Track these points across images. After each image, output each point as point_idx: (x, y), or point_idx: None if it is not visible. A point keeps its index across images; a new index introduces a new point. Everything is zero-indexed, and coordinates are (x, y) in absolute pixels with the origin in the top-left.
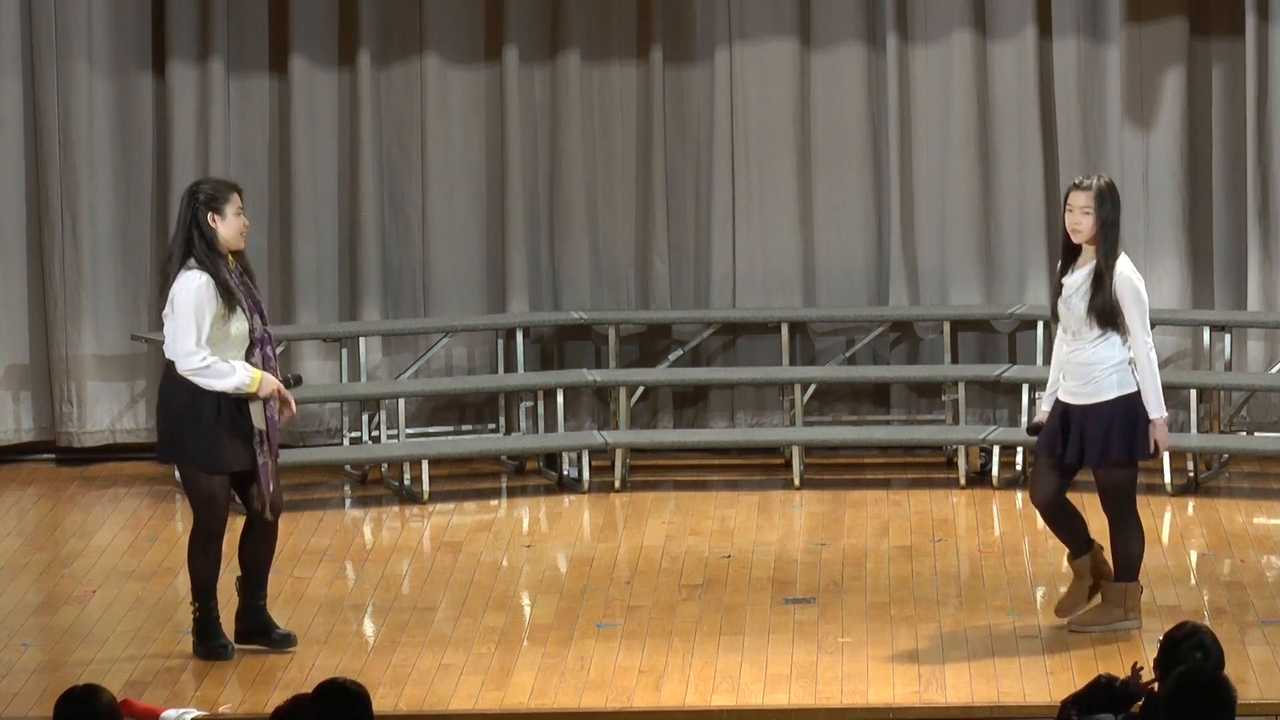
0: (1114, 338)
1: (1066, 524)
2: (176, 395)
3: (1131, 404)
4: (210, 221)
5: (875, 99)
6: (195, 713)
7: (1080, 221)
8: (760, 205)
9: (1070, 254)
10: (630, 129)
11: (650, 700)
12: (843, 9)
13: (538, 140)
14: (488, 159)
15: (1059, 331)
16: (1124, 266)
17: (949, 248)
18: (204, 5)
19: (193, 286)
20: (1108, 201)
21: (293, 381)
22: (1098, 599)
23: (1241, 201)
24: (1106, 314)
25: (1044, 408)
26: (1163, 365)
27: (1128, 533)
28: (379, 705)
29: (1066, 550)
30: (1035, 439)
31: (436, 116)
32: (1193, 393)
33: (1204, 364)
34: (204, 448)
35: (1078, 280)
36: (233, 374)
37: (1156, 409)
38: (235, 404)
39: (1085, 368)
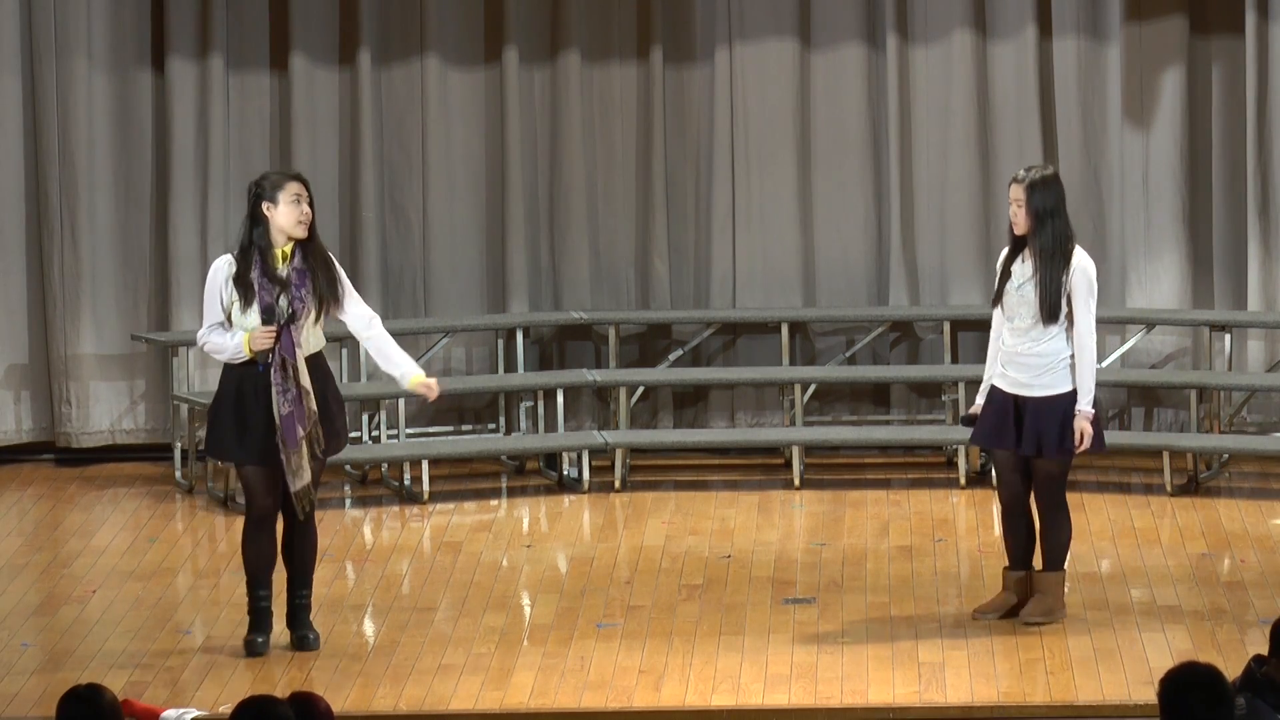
0: (1065, 330)
1: (1028, 528)
2: (219, 385)
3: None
4: (265, 210)
5: (875, 99)
6: (195, 713)
7: (1016, 214)
8: (760, 205)
9: (1018, 244)
10: (630, 129)
11: (650, 700)
12: (843, 9)
13: (538, 140)
14: (488, 159)
15: (1002, 321)
16: (1079, 259)
17: (949, 248)
18: (204, 3)
19: (210, 271)
20: (1038, 192)
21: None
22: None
23: (1241, 200)
24: (1056, 307)
25: (980, 400)
26: (1163, 365)
27: (1060, 521)
28: (379, 705)
29: (1006, 561)
30: (969, 429)
31: (437, 116)
32: (1193, 393)
33: (1204, 364)
34: (220, 438)
35: (1027, 269)
36: (227, 343)
37: (1087, 402)
38: (255, 394)
39: (1039, 359)
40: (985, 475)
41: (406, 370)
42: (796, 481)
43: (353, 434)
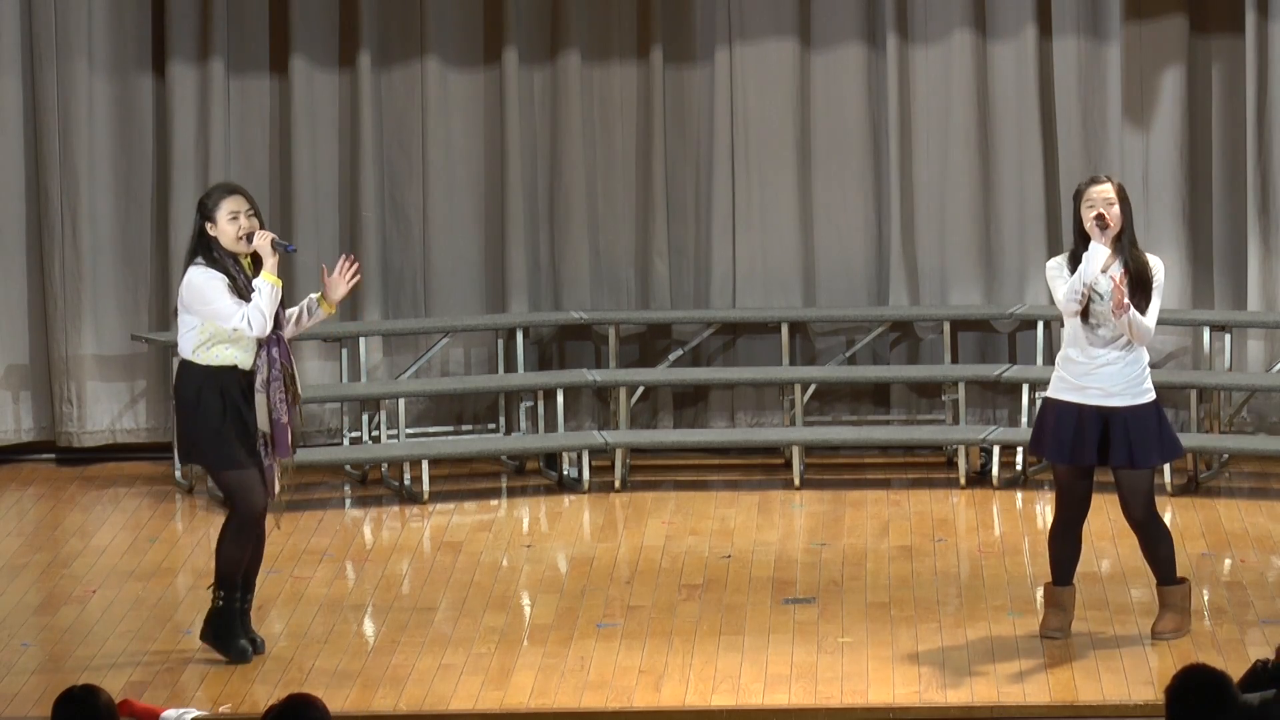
0: None
1: (1079, 544)
2: (185, 393)
3: (1159, 404)
4: (208, 230)
5: (875, 99)
6: (195, 713)
7: (1109, 211)
8: (760, 205)
9: (1077, 250)
10: (630, 129)
11: (650, 700)
12: (843, 9)
13: (538, 140)
14: (488, 159)
15: (1084, 332)
16: (1151, 255)
17: (949, 248)
18: (204, 5)
19: (201, 279)
20: (1125, 196)
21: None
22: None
23: (1241, 200)
24: (1150, 308)
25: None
26: (1163, 365)
27: (1162, 532)
28: (379, 705)
29: (1051, 578)
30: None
31: (436, 116)
32: (1193, 393)
33: (1204, 364)
34: (215, 447)
35: (1114, 275)
36: (260, 299)
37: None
38: (239, 402)
39: (1130, 368)
40: (985, 475)
41: (311, 299)
42: (796, 481)
43: (353, 434)
